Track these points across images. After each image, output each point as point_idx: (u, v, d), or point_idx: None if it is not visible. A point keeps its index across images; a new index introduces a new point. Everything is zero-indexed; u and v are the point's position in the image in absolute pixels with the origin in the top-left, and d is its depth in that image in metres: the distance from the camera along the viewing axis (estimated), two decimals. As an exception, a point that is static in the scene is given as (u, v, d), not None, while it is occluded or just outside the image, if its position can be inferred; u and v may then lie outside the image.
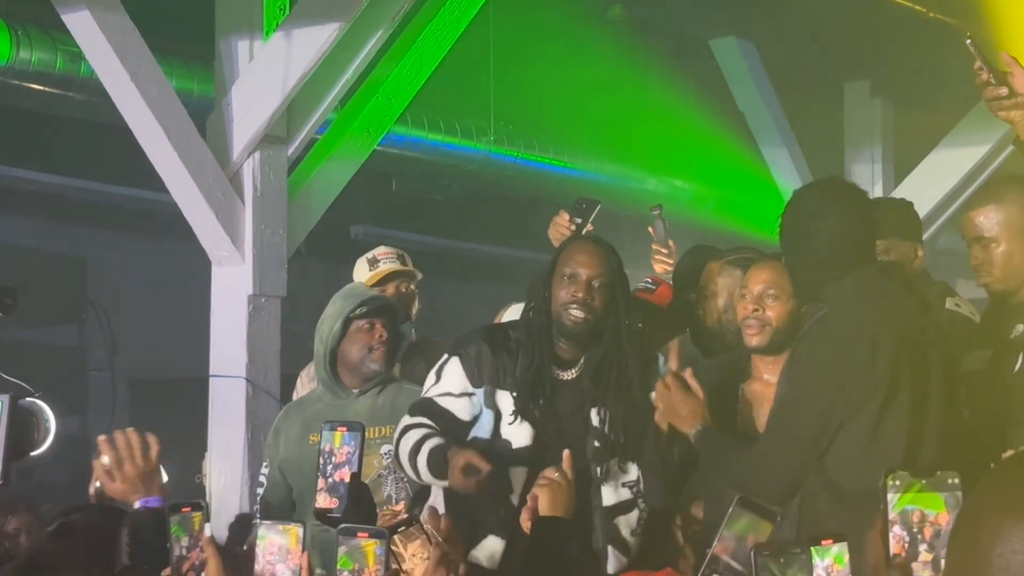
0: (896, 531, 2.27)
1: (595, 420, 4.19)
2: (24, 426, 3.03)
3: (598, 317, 4.17)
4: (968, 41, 3.77)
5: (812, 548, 2.53)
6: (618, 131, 9.41)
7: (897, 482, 2.29)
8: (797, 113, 9.31)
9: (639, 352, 4.24)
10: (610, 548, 4.14)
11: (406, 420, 4.25)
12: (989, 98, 3.84)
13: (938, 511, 2.28)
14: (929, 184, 8.78)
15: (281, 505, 4.80)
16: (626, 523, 4.17)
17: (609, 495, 4.17)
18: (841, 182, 4.13)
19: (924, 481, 2.29)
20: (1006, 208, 4.11)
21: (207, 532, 3.32)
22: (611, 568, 4.14)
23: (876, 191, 9.29)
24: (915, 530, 2.27)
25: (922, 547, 2.26)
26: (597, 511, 4.15)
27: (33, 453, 3.21)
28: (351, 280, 5.34)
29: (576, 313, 4.15)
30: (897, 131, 9.61)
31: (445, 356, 4.31)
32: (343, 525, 3.08)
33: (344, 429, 3.54)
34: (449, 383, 4.24)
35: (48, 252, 8.21)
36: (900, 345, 3.73)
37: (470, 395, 4.22)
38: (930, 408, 3.79)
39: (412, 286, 5.40)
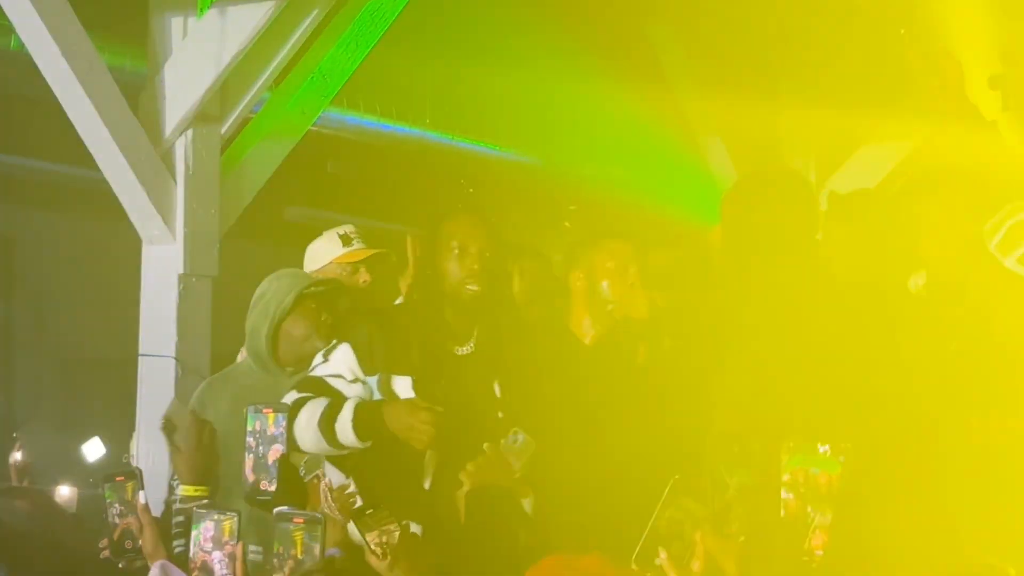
0: (783, 492, 2.31)
1: (498, 391, 4.20)
2: None
3: (488, 289, 4.19)
4: (903, 31, 3.83)
5: None
6: (555, 116, 9.41)
7: (792, 444, 2.33)
8: (731, 102, 9.34)
9: (537, 320, 4.29)
10: None
11: (294, 395, 4.20)
12: (921, 89, 3.92)
13: (832, 472, 2.33)
14: (861, 176, 8.83)
15: None
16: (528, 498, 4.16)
17: (513, 468, 4.17)
18: (793, 174, 4.20)
19: (818, 444, 2.34)
20: None
21: (141, 500, 3.32)
22: None
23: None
24: (796, 490, 2.31)
25: (811, 506, 2.30)
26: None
27: None
28: (285, 260, 5.30)
29: (473, 287, 4.15)
30: (830, 122, 9.66)
31: (334, 342, 4.27)
32: (279, 509, 3.07)
33: (270, 411, 3.52)
34: (338, 367, 4.21)
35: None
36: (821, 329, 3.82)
37: (362, 382, 4.19)
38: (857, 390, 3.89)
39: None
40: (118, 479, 3.44)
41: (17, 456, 4.56)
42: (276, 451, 3.51)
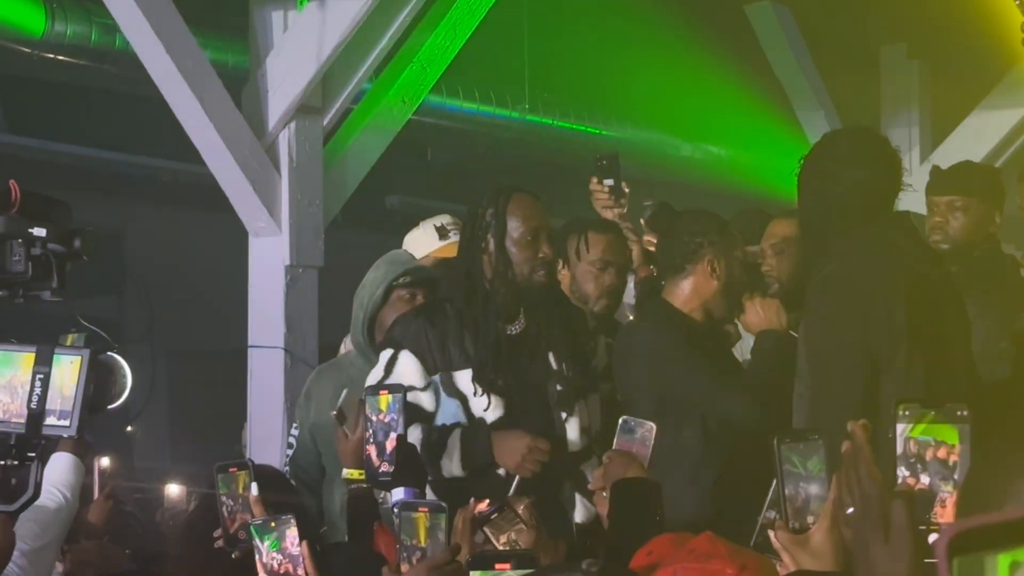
0: (904, 463, 2.24)
1: (554, 364, 4.16)
2: (102, 381, 3.08)
3: (553, 274, 4.20)
4: (1017, 1, 3.76)
5: None
6: (654, 97, 9.37)
7: (907, 412, 2.26)
8: (833, 77, 9.25)
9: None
10: (578, 496, 4.11)
11: None
12: None
13: (951, 443, 2.27)
14: (966, 148, 8.69)
15: (310, 468, 4.78)
16: (591, 469, 4.12)
17: (574, 441, 4.15)
18: (873, 133, 4.10)
19: (934, 412, 2.28)
20: None
21: (254, 491, 3.33)
22: (579, 517, 4.10)
23: (913, 155, 9.21)
24: (913, 461, 2.25)
25: (930, 478, 2.24)
26: (565, 458, 4.13)
27: (109, 407, 3.26)
28: (387, 250, 5.32)
29: (543, 273, 4.12)
30: (934, 94, 9.53)
31: (390, 351, 4.21)
32: (404, 500, 3.08)
33: (386, 392, 3.52)
34: (406, 377, 4.11)
35: (86, 224, 8.25)
36: (913, 298, 3.74)
37: (431, 385, 4.15)
38: (949, 360, 3.82)
39: None
40: (231, 470, 3.47)
41: (104, 462, 4.61)
42: (393, 440, 3.50)
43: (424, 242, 5.24)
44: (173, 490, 7.01)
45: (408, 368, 4.14)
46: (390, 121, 6.59)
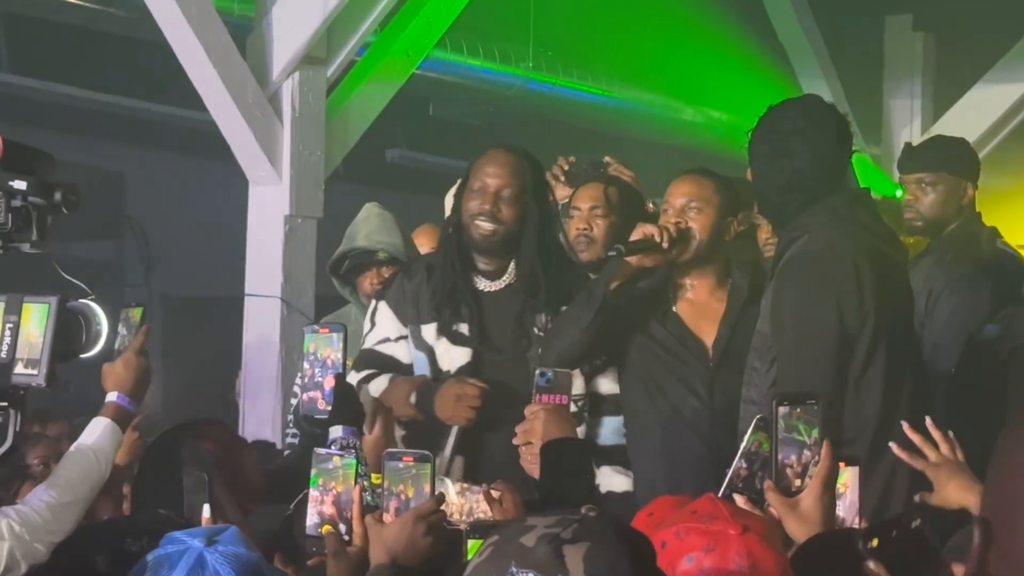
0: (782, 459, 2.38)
1: (538, 328, 4.13)
2: (73, 328, 3.04)
3: (509, 228, 4.10)
4: None
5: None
6: (656, 59, 9.35)
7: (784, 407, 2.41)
8: (837, 45, 9.24)
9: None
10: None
11: (353, 376, 4.05)
12: None
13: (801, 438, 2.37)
14: (969, 120, 8.70)
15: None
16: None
17: None
18: (821, 102, 4.02)
19: (798, 408, 2.38)
20: None
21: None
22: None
23: (915, 126, 9.22)
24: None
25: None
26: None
27: (83, 356, 3.20)
28: (386, 202, 5.32)
29: (484, 225, 4.08)
30: (938, 66, 9.52)
31: (373, 302, 4.24)
32: (389, 450, 3.05)
33: (327, 331, 3.46)
34: (384, 328, 4.15)
35: (87, 167, 8.23)
36: (876, 275, 3.74)
37: (405, 337, 4.14)
38: (908, 344, 3.84)
39: None
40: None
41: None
42: (330, 380, 3.42)
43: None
44: None
45: (384, 319, 4.17)
46: (394, 75, 6.59)
